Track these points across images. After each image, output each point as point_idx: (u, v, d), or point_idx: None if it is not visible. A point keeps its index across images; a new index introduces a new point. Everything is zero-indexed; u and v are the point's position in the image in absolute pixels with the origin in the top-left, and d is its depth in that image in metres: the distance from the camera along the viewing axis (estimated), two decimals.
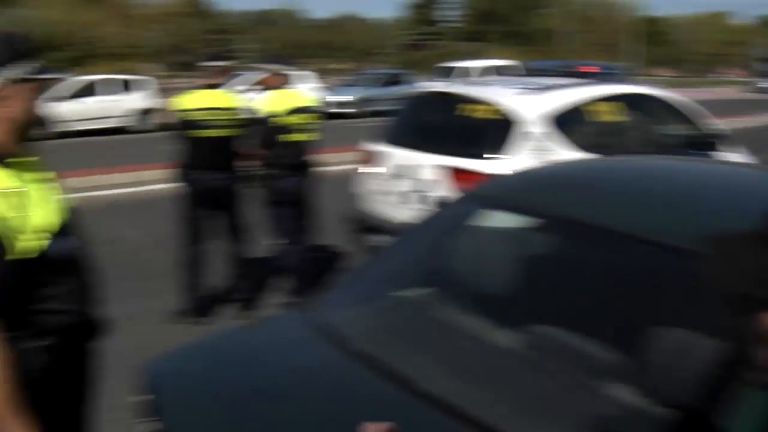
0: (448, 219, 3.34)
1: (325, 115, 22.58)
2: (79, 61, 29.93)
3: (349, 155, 12.61)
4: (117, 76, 21.58)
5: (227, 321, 5.75)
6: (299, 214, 5.89)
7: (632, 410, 2.09)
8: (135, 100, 20.67)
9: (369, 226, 6.14)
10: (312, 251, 6.08)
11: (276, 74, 5.80)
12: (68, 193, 2.38)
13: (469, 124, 5.77)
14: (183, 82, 30.67)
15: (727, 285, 1.23)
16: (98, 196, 10.39)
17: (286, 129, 5.63)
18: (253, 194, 5.89)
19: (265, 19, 72.92)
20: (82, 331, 2.34)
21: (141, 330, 5.38)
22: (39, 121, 2.23)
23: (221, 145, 5.49)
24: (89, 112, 19.10)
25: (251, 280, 5.91)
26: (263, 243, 6.24)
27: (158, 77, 30.88)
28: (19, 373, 2.01)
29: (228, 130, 5.49)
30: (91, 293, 2.38)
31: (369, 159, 6.36)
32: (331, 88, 25.53)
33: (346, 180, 8.38)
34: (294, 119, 5.65)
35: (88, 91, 19.73)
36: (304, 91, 6.11)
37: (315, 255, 6.18)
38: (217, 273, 6.06)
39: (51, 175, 2.30)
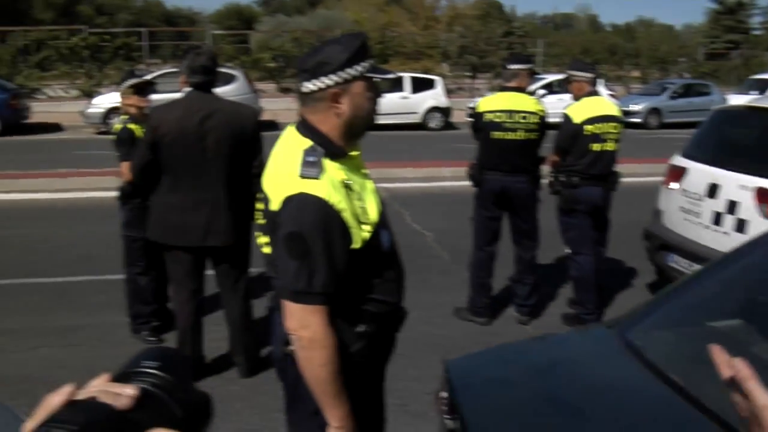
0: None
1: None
2: (379, 60, 31.55)
3: (640, 167, 12.18)
4: (410, 74, 22.47)
5: (506, 323, 5.78)
6: (594, 224, 5.74)
7: None
8: (426, 99, 21.41)
9: (667, 244, 5.82)
10: (601, 264, 5.90)
11: (584, 81, 5.68)
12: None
13: None
14: (472, 83, 31.45)
15: None
16: (388, 189, 10.87)
17: (591, 137, 5.51)
18: (548, 199, 5.84)
19: (556, 23, 72.60)
20: (394, 320, 2.44)
21: (429, 323, 5.58)
22: (372, 119, 2.30)
23: (521, 148, 5.48)
24: (389, 107, 20.01)
25: (535, 285, 5.86)
26: (555, 250, 6.18)
27: (449, 77, 31.81)
28: (339, 357, 2.15)
29: (528, 133, 5.46)
30: (403, 284, 2.47)
31: (673, 174, 6.03)
32: (618, 97, 24.64)
33: (637, 192, 8.07)
34: (598, 128, 5.52)
35: (395, 87, 20.81)
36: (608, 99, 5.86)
37: (603, 268, 5.99)
38: (501, 275, 6.09)
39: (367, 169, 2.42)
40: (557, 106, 21.48)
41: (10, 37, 28.53)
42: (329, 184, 2.11)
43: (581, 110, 5.57)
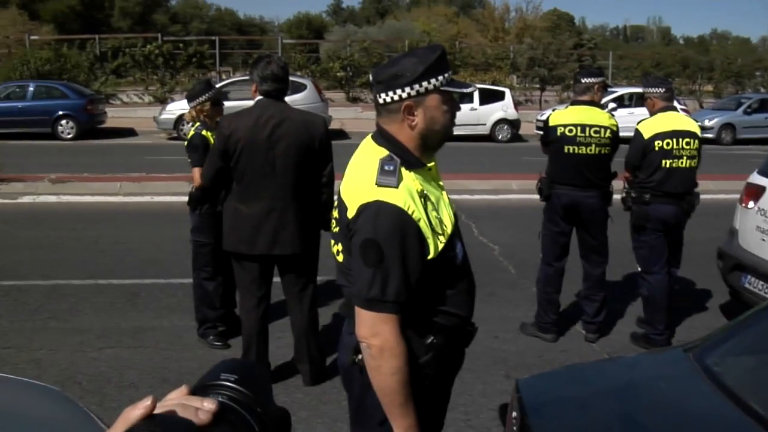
0: None
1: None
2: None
3: (712, 184, 11.87)
4: (479, 85, 22.40)
5: (573, 340, 5.68)
6: (666, 243, 5.58)
7: None
8: (495, 110, 21.30)
9: (742, 264, 5.63)
10: (672, 283, 5.73)
11: (656, 97, 5.53)
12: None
13: None
14: (541, 95, 31.18)
15: None
16: (455, 201, 10.82)
17: (660, 153, 5.34)
18: (618, 215, 5.72)
19: (626, 35, 71.50)
20: (463, 334, 2.41)
21: (495, 338, 5.52)
22: (448, 132, 2.30)
23: (593, 162, 5.38)
24: (457, 118, 19.95)
25: (603, 302, 5.73)
26: (624, 267, 6.05)
27: (518, 89, 31.61)
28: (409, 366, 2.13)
29: (601, 148, 5.36)
30: (474, 299, 2.44)
31: (750, 192, 5.84)
32: (690, 112, 24.08)
33: (710, 210, 7.85)
34: (669, 143, 5.35)
35: (463, 98, 20.77)
36: (686, 115, 5.69)
37: (674, 287, 5.82)
38: (568, 291, 5.98)
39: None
40: (627, 119, 21.17)
41: (88, 44, 29.43)
42: (406, 192, 2.11)
43: (652, 125, 5.42)
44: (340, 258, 2.29)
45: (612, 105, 17.61)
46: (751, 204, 5.76)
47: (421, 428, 2.22)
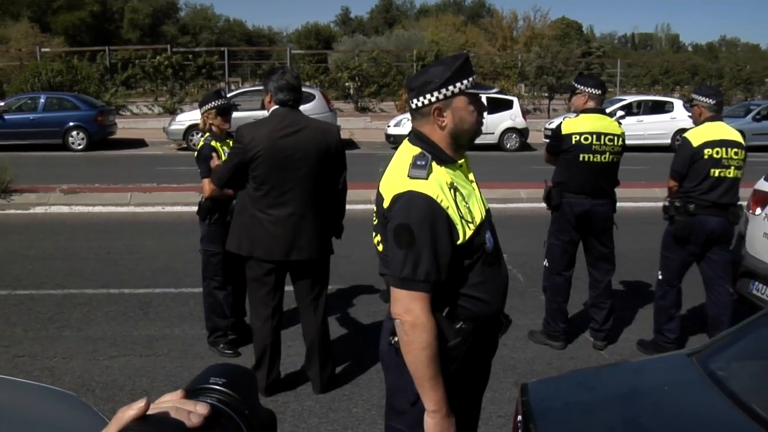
0: None
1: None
2: None
3: None
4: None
5: (581, 348, 5.70)
6: (701, 256, 5.49)
7: None
8: (503, 119, 21.29)
9: (750, 271, 5.64)
10: (675, 297, 5.69)
11: (704, 107, 5.41)
12: None
13: None
14: (549, 104, 31.19)
15: None
16: None
17: (709, 161, 5.25)
18: (624, 223, 5.74)
19: (632, 42, 71.38)
20: (495, 323, 2.54)
21: (503, 345, 5.54)
22: (477, 131, 2.51)
23: (606, 170, 5.43)
24: None
25: (611, 309, 5.76)
26: (629, 275, 6.07)
27: (526, 98, 31.62)
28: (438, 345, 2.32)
29: (614, 156, 5.41)
30: (505, 289, 2.57)
31: (757, 199, 5.86)
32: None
33: None
34: (718, 152, 5.26)
35: None
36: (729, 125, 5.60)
37: (678, 301, 5.77)
38: (574, 299, 6.00)
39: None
40: (636, 128, 21.07)
41: (98, 56, 29.64)
42: (436, 184, 2.32)
43: (701, 134, 5.33)
44: (380, 248, 2.50)
45: (620, 113, 17.64)
46: (758, 211, 5.78)
47: (455, 411, 2.37)
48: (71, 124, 19.78)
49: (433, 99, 2.39)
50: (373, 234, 2.55)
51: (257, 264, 4.57)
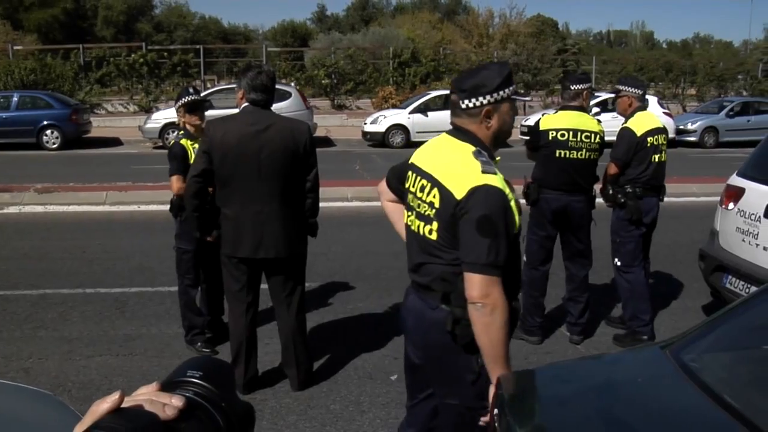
0: None
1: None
2: (431, 76, 31.67)
3: (695, 187, 12.00)
4: None
5: (558, 343, 5.75)
6: (645, 236, 5.80)
7: None
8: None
9: (723, 265, 5.72)
10: (644, 279, 5.84)
11: (634, 97, 5.71)
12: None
13: None
14: (524, 101, 31.27)
15: None
16: None
17: (652, 148, 5.60)
18: (600, 217, 5.81)
19: (610, 39, 71.87)
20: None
21: None
22: (510, 133, 2.78)
23: (582, 167, 5.50)
24: (433, 124, 20.07)
25: (587, 304, 5.82)
26: (605, 270, 6.13)
27: None
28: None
29: (590, 153, 5.48)
30: None
31: (730, 194, 5.93)
32: (674, 115, 24.23)
33: (693, 212, 7.96)
34: (656, 139, 5.61)
35: (444, 104, 21.01)
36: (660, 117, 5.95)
37: (647, 283, 5.92)
38: (551, 294, 6.05)
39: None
40: (611, 123, 21.24)
41: (72, 54, 29.36)
42: (502, 178, 2.57)
43: (641, 124, 5.63)
44: (434, 236, 2.64)
45: (596, 109, 17.73)
46: (731, 205, 5.85)
47: None
48: (45, 122, 19.57)
49: (486, 102, 2.61)
50: (422, 224, 2.69)
51: (229, 261, 4.57)
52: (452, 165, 2.61)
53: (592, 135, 5.49)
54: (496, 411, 2.48)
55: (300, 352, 4.82)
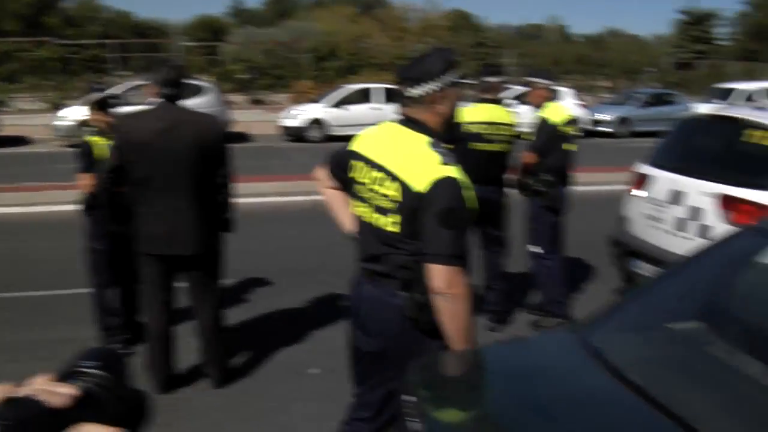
0: (729, 253, 3.14)
1: (583, 132, 22.28)
2: (349, 71, 31.68)
3: (608, 175, 12.34)
4: (382, 85, 22.53)
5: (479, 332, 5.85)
6: (559, 222, 5.99)
7: None
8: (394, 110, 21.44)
9: (634, 250, 5.92)
10: (562, 264, 6.03)
11: (544, 88, 5.84)
12: None
13: (754, 151, 5.37)
14: (472, 83, 31.54)
15: None
16: None
17: (565, 137, 5.76)
18: (516, 206, 5.95)
19: (526, 33, 73.00)
20: None
21: None
22: (452, 120, 2.79)
23: (495, 159, 5.61)
24: (351, 118, 20.18)
25: (504, 292, 5.95)
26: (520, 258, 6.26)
27: None
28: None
29: (503, 144, 5.60)
30: None
31: (638, 182, 6.14)
32: (589, 106, 24.87)
33: (607, 201, 8.19)
34: (570, 129, 5.80)
35: (362, 98, 21.13)
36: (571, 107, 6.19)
37: (565, 267, 6.11)
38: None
39: None
40: (528, 115, 21.65)
41: None
42: (460, 169, 2.61)
43: (556, 112, 5.81)
44: (395, 229, 2.64)
45: (512, 101, 18.04)
46: (639, 192, 6.06)
47: None
48: None
49: (433, 88, 2.64)
50: (378, 216, 2.69)
51: (143, 258, 4.51)
52: (410, 157, 2.62)
53: (507, 127, 5.61)
54: (406, 397, 2.52)
55: (218, 349, 4.79)
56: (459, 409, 2.58)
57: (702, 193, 5.37)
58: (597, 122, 23.30)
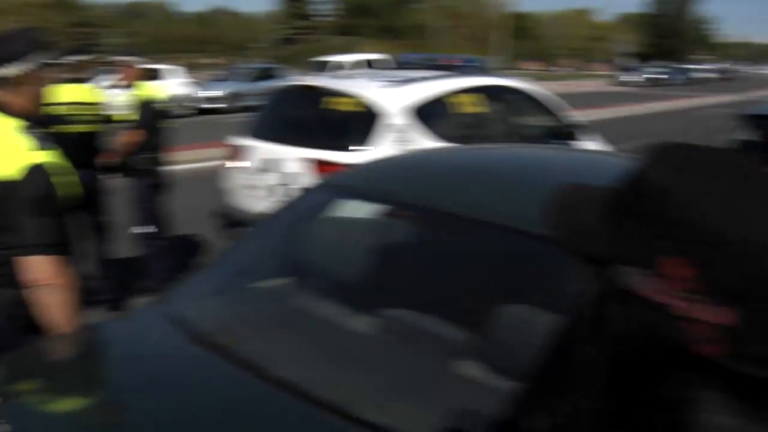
0: (303, 209, 3.33)
1: (196, 110, 22.30)
2: None
3: (218, 151, 12.45)
4: None
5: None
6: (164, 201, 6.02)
7: (480, 385, 2.17)
8: None
9: (236, 220, 6.08)
10: (172, 242, 6.08)
11: (131, 66, 5.83)
12: None
13: (333, 116, 5.80)
14: (64, 63, 29.48)
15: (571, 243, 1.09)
16: None
17: (164, 115, 5.87)
18: (113, 190, 5.80)
19: (132, 12, 70.85)
20: None
21: None
22: (42, 102, 2.71)
23: (85, 141, 5.39)
24: None
25: (116, 279, 5.77)
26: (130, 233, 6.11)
27: None
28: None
29: (92, 125, 5.42)
30: None
31: (235, 154, 6.31)
32: (201, 83, 24.94)
33: (214, 176, 8.29)
34: (165, 107, 5.97)
35: None
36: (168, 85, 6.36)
37: (175, 245, 6.16)
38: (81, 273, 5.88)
39: None
40: (122, 96, 21.19)
41: None
42: (54, 153, 2.56)
43: (155, 90, 5.90)
44: None
45: (109, 82, 17.36)
46: (235, 164, 6.23)
47: None
48: None
49: (23, 69, 2.52)
50: None
51: None
52: None
53: (92, 106, 5.42)
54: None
55: None
56: (56, 400, 2.39)
57: (294, 159, 5.67)
58: (210, 99, 23.40)
